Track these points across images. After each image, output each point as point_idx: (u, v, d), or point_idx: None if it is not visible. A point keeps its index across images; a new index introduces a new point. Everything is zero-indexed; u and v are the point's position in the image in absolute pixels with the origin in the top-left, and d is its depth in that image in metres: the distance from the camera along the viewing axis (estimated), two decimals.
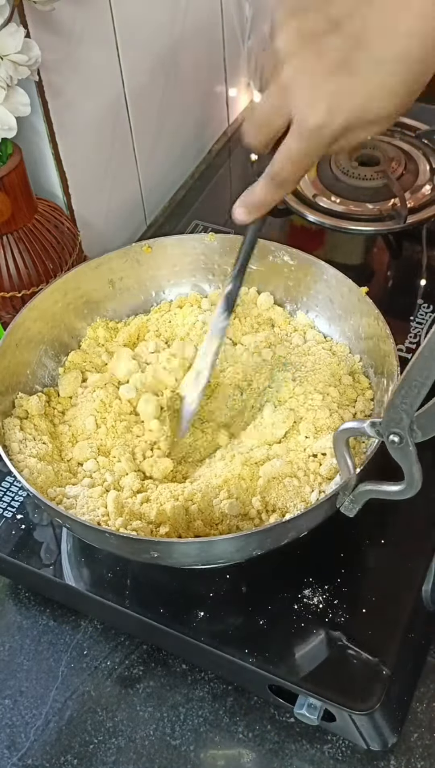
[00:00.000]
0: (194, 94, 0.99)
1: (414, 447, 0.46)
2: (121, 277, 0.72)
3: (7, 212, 0.73)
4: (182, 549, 0.54)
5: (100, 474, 0.61)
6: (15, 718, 0.61)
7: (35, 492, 0.55)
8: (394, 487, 0.49)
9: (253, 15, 1.04)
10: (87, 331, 0.72)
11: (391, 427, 0.46)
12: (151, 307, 0.75)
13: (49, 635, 0.64)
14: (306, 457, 0.61)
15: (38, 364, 0.68)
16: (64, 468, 0.62)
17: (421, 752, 0.57)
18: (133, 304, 0.74)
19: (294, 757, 0.58)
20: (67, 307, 0.70)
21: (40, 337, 0.68)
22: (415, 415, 0.44)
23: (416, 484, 0.48)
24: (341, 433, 0.50)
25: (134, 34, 0.84)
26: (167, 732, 0.59)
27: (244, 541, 0.53)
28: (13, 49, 0.64)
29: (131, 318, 0.74)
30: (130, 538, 0.54)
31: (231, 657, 0.57)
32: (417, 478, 0.47)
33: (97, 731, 0.60)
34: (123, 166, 0.90)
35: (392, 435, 0.46)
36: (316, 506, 0.53)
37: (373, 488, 0.51)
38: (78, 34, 0.76)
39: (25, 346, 0.67)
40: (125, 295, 0.74)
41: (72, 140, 0.79)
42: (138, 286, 0.74)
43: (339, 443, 0.51)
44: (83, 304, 0.72)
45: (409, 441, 0.45)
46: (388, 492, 0.50)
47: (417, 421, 0.45)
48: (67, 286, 0.70)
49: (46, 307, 0.68)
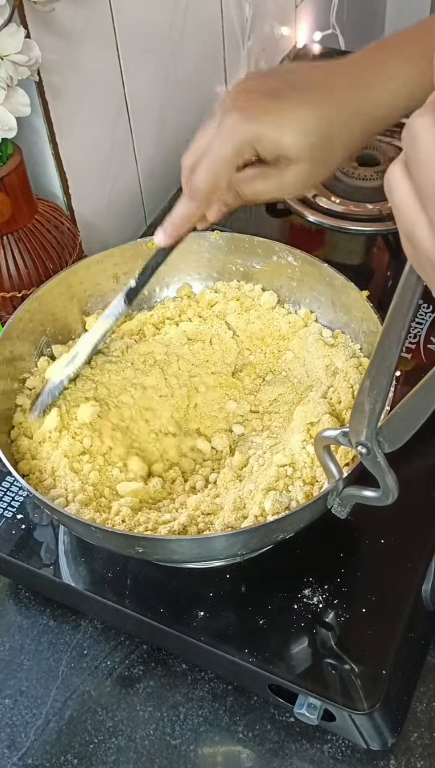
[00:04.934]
0: (194, 93, 0.99)
1: (383, 458, 0.45)
2: (125, 272, 0.72)
3: (8, 212, 0.73)
4: (170, 546, 0.54)
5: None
6: (15, 717, 0.60)
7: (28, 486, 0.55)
8: (372, 494, 0.49)
9: (252, 15, 1.04)
10: (88, 322, 0.71)
11: (356, 438, 0.45)
12: (155, 303, 0.74)
13: (49, 635, 0.64)
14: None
15: (38, 355, 0.68)
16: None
17: (420, 752, 0.57)
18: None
19: (294, 757, 0.58)
20: (71, 300, 0.70)
21: (41, 329, 0.68)
22: (378, 426, 0.44)
23: (391, 493, 0.47)
24: (319, 440, 0.50)
25: (134, 35, 0.83)
26: (167, 731, 0.59)
27: (227, 540, 0.53)
28: (13, 50, 0.64)
29: (135, 313, 0.73)
30: (115, 532, 0.53)
31: (231, 657, 0.57)
32: (391, 487, 0.47)
33: (97, 731, 0.59)
34: (123, 166, 0.90)
35: (359, 446, 0.45)
36: (300, 509, 0.53)
37: (355, 493, 0.51)
38: (78, 35, 0.76)
39: (26, 338, 0.67)
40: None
41: (72, 140, 0.79)
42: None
43: (319, 449, 0.51)
44: (87, 297, 0.71)
45: (376, 453, 0.45)
46: (368, 498, 0.50)
47: (381, 433, 0.44)
48: (70, 279, 0.69)
49: (49, 299, 0.68)
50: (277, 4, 1.12)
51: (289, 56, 1.20)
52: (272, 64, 1.15)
